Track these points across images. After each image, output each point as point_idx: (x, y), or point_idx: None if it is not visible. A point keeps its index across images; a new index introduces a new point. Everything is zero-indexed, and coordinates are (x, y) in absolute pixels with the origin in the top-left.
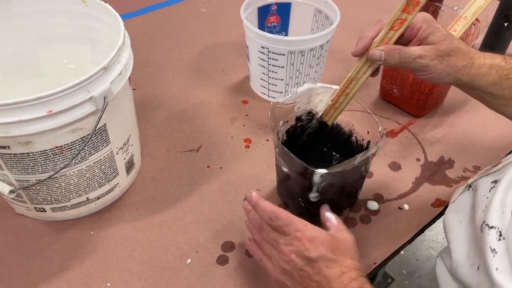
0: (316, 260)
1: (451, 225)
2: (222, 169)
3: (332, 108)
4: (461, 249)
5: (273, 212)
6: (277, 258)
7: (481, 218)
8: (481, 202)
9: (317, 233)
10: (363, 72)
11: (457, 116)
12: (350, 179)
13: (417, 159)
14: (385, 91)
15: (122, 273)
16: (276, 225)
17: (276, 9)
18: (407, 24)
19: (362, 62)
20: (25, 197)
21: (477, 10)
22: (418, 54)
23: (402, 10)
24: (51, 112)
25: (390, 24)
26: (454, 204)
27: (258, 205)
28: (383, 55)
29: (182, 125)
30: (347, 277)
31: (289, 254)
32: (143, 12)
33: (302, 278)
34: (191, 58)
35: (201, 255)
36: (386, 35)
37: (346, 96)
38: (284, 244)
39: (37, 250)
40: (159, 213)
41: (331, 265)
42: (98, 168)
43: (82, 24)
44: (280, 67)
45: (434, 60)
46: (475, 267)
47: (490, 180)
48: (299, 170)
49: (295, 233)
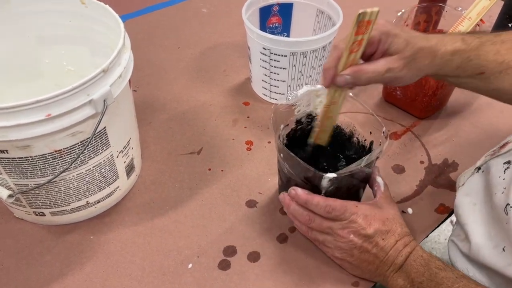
0: (373, 235)
1: (465, 209)
2: (224, 172)
3: (321, 132)
4: (481, 232)
5: (329, 205)
6: (333, 241)
7: (503, 200)
8: (497, 184)
9: (368, 211)
10: (338, 95)
11: (461, 117)
12: (355, 181)
13: (421, 161)
14: (388, 93)
15: (122, 278)
16: (334, 215)
17: (278, 10)
18: (364, 43)
19: (333, 90)
20: (24, 201)
21: (482, 11)
22: (385, 68)
23: (356, 34)
24: (50, 116)
25: (348, 48)
26: (464, 187)
27: (310, 201)
28: (348, 79)
29: (183, 127)
30: (401, 243)
31: (348, 235)
32: (143, 13)
33: (361, 253)
34: (192, 59)
35: (202, 260)
36: (348, 59)
37: (330, 119)
38: (340, 229)
39: (37, 254)
40: (160, 217)
41: (386, 236)
42: (98, 171)
43: (81, 25)
44: (282, 68)
45: (403, 70)
46: (499, 249)
47: (502, 161)
48: (306, 175)
49: (351, 216)
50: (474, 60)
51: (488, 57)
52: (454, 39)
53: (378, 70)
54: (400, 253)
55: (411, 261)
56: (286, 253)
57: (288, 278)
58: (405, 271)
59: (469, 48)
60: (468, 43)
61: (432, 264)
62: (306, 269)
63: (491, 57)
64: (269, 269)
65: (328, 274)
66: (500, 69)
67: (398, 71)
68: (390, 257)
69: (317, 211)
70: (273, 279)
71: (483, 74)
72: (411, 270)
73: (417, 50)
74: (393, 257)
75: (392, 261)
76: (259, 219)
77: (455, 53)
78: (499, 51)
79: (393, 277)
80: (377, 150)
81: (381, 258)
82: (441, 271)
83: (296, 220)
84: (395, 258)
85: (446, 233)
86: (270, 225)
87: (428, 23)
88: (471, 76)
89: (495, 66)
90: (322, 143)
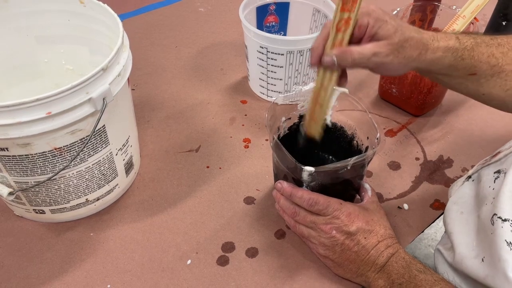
0: (355, 233)
1: (452, 217)
2: (222, 169)
3: (312, 121)
4: (466, 241)
5: (312, 198)
6: (317, 237)
7: (490, 210)
8: (488, 194)
9: (351, 209)
10: (328, 79)
11: (456, 115)
12: (343, 180)
13: (416, 158)
14: (384, 90)
15: (122, 274)
16: (316, 209)
17: (274, 9)
18: (352, 22)
19: (322, 70)
20: (24, 199)
21: (476, 9)
22: (372, 52)
23: (341, 10)
24: (50, 114)
25: (335, 26)
26: (453, 196)
27: (294, 194)
28: (335, 60)
29: (181, 125)
30: (383, 244)
31: (330, 231)
32: (141, 12)
33: (343, 251)
34: (190, 58)
35: (201, 256)
36: (336, 39)
37: (321, 107)
38: (323, 224)
39: (37, 252)
40: (159, 214)
41: (368, 235)
42: (97, 169)
43: (80, 24)
44: (279, 67)
45: (389, 55)
46: (479, 259)
47: (493, 171)
48: (289, 166)
49: (333, 212)
50: (466, 60)
51: (482, 59)
52: (448, 36)
53: (363, 53)
54: (381, 253)
55: (392, 263)
56: (283, 248)
57: (286, 274)
58: (386, 272)
59: (462, 47)
60: (463, 42)
61: (413, 266)
62: (303, 265)
63: (484, 59)
64: (267, 264)
65: (325, 269)
66: (492, 72)
67: (384, 56)
68: (371, 256)
69: (301, 204)
70: (271, 274)
71: (475, 76)
72: (392, 271)
73: (406, 39)
74: (374, 257)
75: (373, 261)
76: (257, 215)
77: (447, 50)
78: (494, 54)
79: (374, 277)
80: (364, 155)
81: (362, 257)
82: (421, 273)
83: (284, 214)
84: (376, 258)
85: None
86: (268, 221)
87: (423, 21)
88: (462, 76)
89: (488, 68)
90: (313, 134)
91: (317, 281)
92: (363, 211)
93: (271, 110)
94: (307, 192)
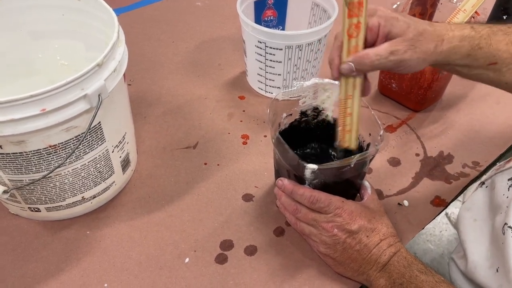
0: (357, 231)
1: (465, 224)
2: (220, 166)
3: (344, 132)
4: (479, 250)
5: (313, 196)
6: (318, 235)
7: (502, 219)
8: (502, 202)
9: (353, 207)
10: (351, 87)
11: (456, 110)
12: (345, 178)
13: (417, 154)
14: (383, 85)
15: (119, 273)
16: (317, 207)
17: (272, 3)
18: (363, 26)
19: (344, 80)
20: (19, 197)
21: (476, 3)
22: (388, 51)
23: (349, 16)
24: (44, 111)
25: (346, 33)
26: (466, 202)
27: (296, 191)
28: (353, 66)
29: (178, 121)
30: (385, 243)
31: (332, 229)
32: (137, 6)
33: (344, 249)
34: (187, 53)
35: (199, 254)
36: (350, 45)
37: (351, 116)
38: (325, 222)
39: (32, 250)
40: (156, 212)
41: (370, 234)
42: (93, 166)
43: (74, 19)
44: (278, 62)
45: (407, 52)
46: (494, 269)
47: (507, 178)
48: (292, 163)
49: (335, 210)
50: (484, 48)
51: (500, 47)
52: (462, 26)
53: (380, 53)
54: (383, 252)
55: (394, 262)
56: (282, 246)
57: (285, 271)
58: (388, 271)
59: (479, 35)
60: (478, 30)
61: (414, 266)
62: (302, 262)
63: (503, 47)
64: (266, 262)
65: (325, 267)
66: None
67: (402, 53)
68: (373, 255)
69: (302, 201)
70: (270, 272)
71: (496, 65)
72: (393, 270)
73: (421, 32)
74: (376, 256)
75: (375, 260)
76: (255, 212)
77: (463, 38)
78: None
79: (376, 276)
80: (367, 152)
81: (364, 255)
82: (422, 274)
83: (286, 211)
84: (378, 257)
85: (441, 226)
86: (266, 219)
87: (423, 15)
88: (482, 66)
89: (508, 57)
90: (350, 146)
91: (317, 279)
92: (365, 210)
93: (273, 106)
94: (308, 189)
